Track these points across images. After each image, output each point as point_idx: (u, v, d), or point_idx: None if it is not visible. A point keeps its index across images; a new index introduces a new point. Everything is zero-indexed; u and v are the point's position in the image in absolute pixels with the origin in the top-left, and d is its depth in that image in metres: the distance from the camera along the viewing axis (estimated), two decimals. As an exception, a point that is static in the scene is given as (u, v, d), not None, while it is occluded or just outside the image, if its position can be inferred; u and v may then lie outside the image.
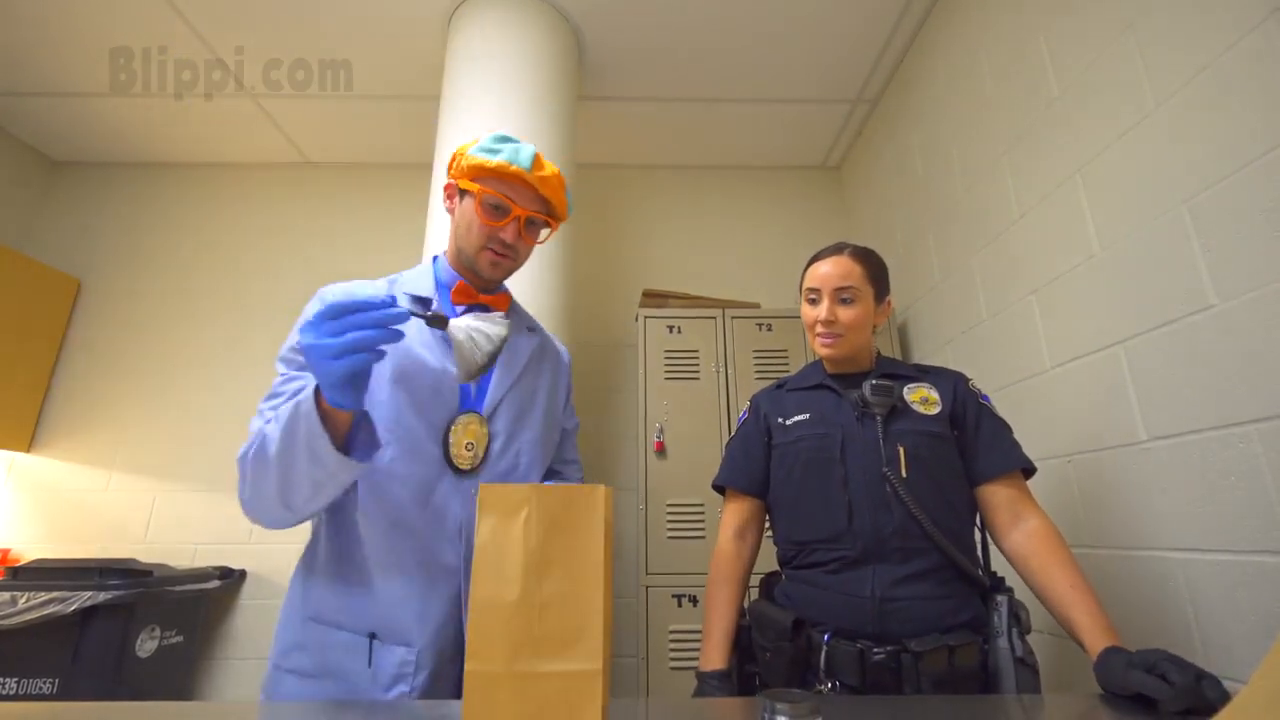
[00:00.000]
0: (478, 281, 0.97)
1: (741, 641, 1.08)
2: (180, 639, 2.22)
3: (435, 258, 1.01)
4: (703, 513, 2.13)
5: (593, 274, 2.87)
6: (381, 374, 0.85)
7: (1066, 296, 1.48)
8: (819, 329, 1.10)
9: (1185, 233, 1.15)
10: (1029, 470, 1.06)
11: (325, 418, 0.70)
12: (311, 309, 0.85)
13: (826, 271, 1.10)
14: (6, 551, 2.46)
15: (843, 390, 1.10)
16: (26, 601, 1.85)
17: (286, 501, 0.75)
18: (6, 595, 1.86)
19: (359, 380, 0.68)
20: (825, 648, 0.93)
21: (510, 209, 0.89)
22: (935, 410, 1.06)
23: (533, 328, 1.06)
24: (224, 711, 0.76)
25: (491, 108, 2.03)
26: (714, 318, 2.39)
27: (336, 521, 0.86)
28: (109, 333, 2.80)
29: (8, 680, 1.85)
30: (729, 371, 2.30)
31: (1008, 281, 1.72)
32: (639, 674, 1.97)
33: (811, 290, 1.12)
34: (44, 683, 1.85)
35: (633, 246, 3.01)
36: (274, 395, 0.83)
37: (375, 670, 0.79)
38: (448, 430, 0.86)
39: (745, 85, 2.59)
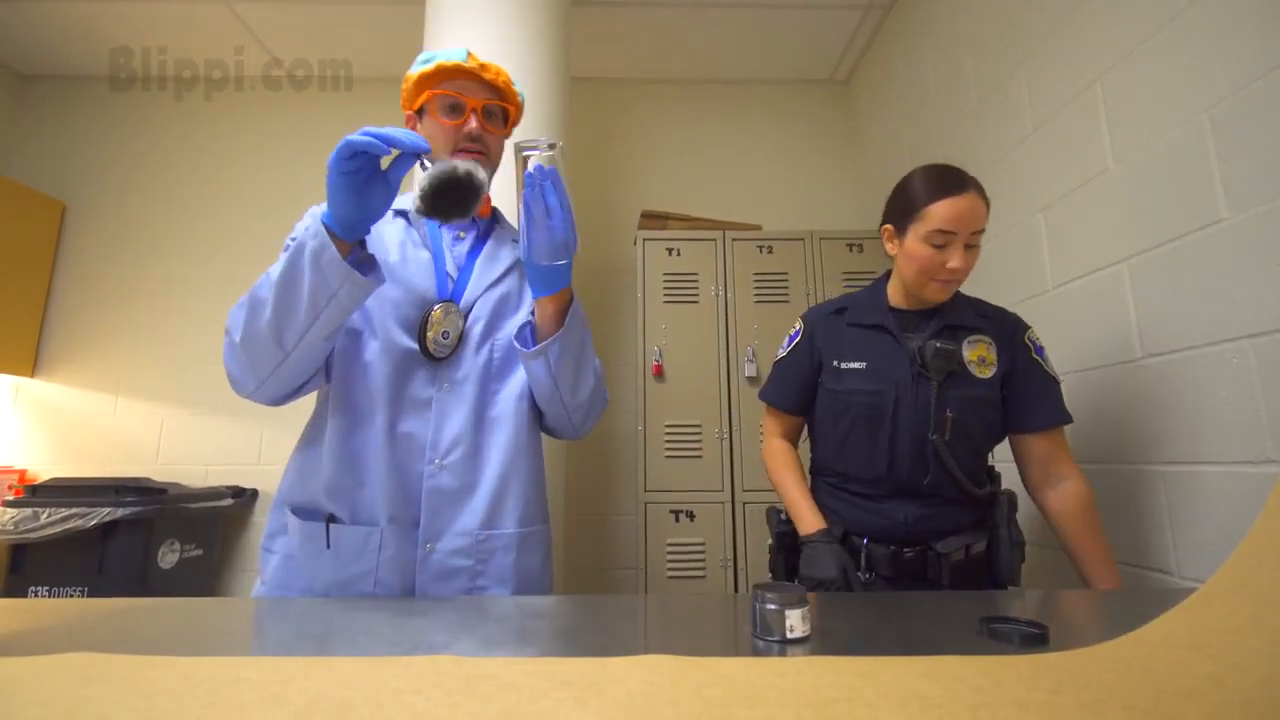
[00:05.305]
0: None
1: (788, 542, 1.18)
2: (200, 552, 2.32)
3: None
4: (700, 433, 2.18)
5: (589, 194, 2.79)
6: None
7: (1075, 214, 1.45)
8: (943, 275, 1.03)
9: (1204, 143, 1.11)
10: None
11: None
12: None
13: (965, 212, 1.00)
14: (24, 472, 2.53)
15: (902, 336, 1.10)
16: (48, 517, 1.93)
17: (280, 333, 0.76)
18: (29, 511, 1.93)
19: (363, 185, 0.71)
20: (864, 550, 1.08)
21: (464, 102, 0.93)
22: (989, 374, 1.08)
23: (516, 240, 1.07)
24: (243, 604, 0.81)
25: (479, 13, 1.91)
26: (714, 240, 2.35)
27: (315, 411, 0.92)
28: (100, 255, 2.76)
29: (40, 589, 1.96)
30: (729, 295, 2.29)
31: (1016, 200, 1.68)
32: (638, 583, 2.08)
33: (944, 232, 1.00)
34: (74, 591, 1.96)
35: (631, 165, 2.91)
36: None
37: (335, 550, 0.83)
38: (425, 321, 0.88)
39: (751, -12, 2.43)
